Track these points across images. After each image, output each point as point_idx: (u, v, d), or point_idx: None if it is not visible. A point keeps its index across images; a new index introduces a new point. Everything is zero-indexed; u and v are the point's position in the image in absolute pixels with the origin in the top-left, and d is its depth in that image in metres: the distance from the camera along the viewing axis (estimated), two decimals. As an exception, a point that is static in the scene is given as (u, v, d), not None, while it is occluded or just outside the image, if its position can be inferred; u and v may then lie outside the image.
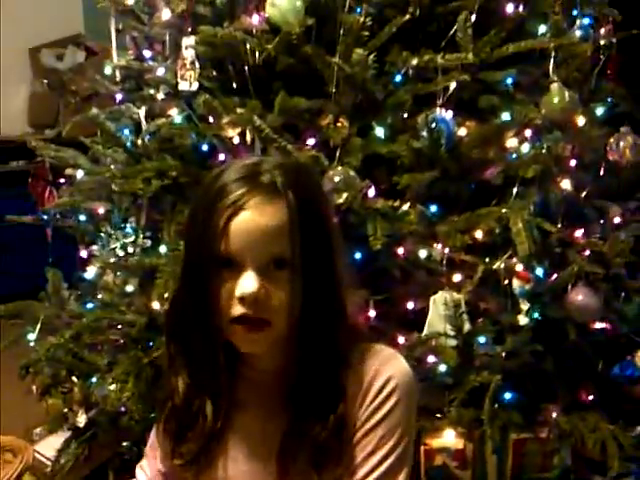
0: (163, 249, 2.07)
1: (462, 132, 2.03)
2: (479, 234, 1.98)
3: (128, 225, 2.13)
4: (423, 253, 1.96)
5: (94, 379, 2.08)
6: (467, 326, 1.93)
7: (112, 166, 2.25)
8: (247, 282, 1.02)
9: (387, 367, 1.09)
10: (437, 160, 1.98)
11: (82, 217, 2.34)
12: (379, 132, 2.02)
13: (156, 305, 1.99)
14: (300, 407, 1.08)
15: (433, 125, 1.94)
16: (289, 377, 1.09)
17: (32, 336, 2.21)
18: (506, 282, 1.97)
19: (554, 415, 2.01)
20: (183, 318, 1.11)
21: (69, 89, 4.64)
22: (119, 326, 2.07)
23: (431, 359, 1.91)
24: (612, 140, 2.27)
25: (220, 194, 1.04)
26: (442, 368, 1.91)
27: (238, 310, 1.03)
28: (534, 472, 2.03)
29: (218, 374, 1.10)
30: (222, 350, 1.08)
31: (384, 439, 1.06)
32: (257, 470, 1.13)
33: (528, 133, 2.08)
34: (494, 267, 1.97)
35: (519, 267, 1.96)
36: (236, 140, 2.05)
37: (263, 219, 1.02)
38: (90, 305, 2.26)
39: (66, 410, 2.21)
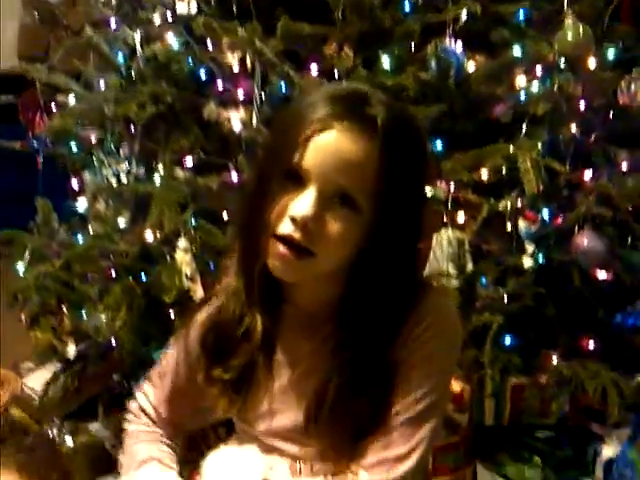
0: (157, 178, 2.01)
1: (471, 66, 1.97)
2: (485, 172, 1.92)
3: (121, 152, 2.07)
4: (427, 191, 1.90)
5: (85, 309, 2.04)
6: (470, 266, 1.90)
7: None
8: (303, 204, 0.95)
9: (432, 313, 1.04)
10: (444, 94, 1.93)
11: (73, 144, 2.26)
12: (385, 63, 1.96)
13: (149, 234, 1.93)
14: (344, 358, 1.02)
15: (442, 56, 1.88)
16: (335, 321, 1.04)
17: (21, 265, 2.15)
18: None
19: (554, 361, 1.98)
20: (243, 226, 1.06)
21: (61, 23, 4.52)
22: (111, 256, 2.01)
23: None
24: (623, 83, 2.20)
25: (315, 105, 0.98)
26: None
27: (286, 229, 0.96)
28: (532, 417, 2.02)
29: (264, 296, 1.06)
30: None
31: (417, 384, 1.02)
32: (291, 405, 1.09)
33: (539, 70, 2.01)
34: (500, 207, 1.92)
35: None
36: (236, 68, 1.97)
37: (348, 147, 0.95)
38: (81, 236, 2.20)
39: (55, 342, 2.17)
